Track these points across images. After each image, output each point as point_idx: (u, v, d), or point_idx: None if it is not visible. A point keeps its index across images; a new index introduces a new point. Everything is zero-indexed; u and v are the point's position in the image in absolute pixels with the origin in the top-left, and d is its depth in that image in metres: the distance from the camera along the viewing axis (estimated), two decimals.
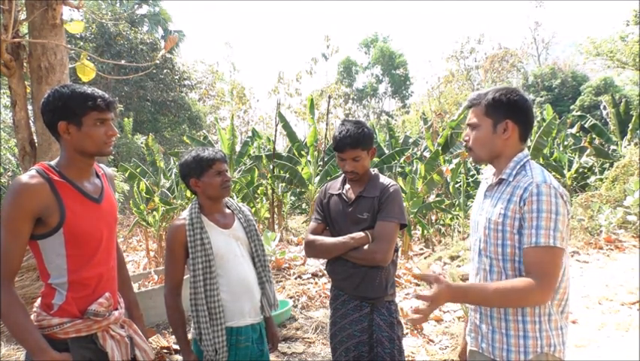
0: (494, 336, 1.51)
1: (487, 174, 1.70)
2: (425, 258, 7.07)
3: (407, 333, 3.85)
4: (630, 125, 11.27)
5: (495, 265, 1.51)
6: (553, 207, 1.39)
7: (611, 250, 6.37)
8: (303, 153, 9.08)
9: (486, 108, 1.55)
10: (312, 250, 2.17)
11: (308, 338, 3.77)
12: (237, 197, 8.46)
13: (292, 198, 11.74)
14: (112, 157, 15.29)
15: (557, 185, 1.44)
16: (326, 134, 10.79)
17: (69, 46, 3.68)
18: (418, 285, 5.30)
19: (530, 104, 1.56)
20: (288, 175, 8.84)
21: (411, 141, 12.05)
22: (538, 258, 1.38)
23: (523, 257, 1.42)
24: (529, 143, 8.77)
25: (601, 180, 9.85)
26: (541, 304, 1.43)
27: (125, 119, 17.74)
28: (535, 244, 1.38)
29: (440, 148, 8.60)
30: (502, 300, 1.40)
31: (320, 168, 9.16)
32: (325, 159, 9.57)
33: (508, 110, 1.52)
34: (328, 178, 8.28)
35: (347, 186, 2.20)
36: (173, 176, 9.47)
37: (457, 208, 8.97)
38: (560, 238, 1.38)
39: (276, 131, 10.13)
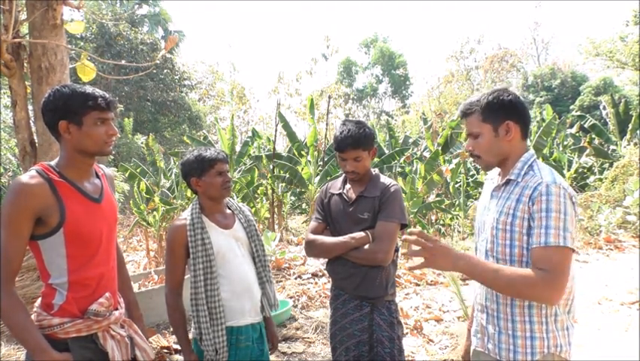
0: (501, 337, 1.50)
1: (493, 173, 1.68)
2: None
3: (407, 333, 3.85)
4: (630, 125, 11.28)
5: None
6: (562, 207, 1.37)
7: (611, 250, 6.38)
8: (303, 153, 9.08)
9: (482, 115, 1.53)
10: (313, 249, 2.17)
11: (308, 338, 3.77)
12: (237, 197, 8.46)
13: (292, 198, 11.74)
14: (112, 157, 15.29)
15: (567, 186, 1.43)
16: (326, 135, 10.79)
17: (69, 46, 3.69)
18: (418, 285, 5.31)
19: (522, 100, 1.56)
20: (288, 175, 8.84)
21: (411, 141, 12.06)
22: (547, 255, 1.36)
23: (531, 256, 1.39)
24: (528, 143, 8.78)
25: (600, 180, 9.86)
26: (547, 303, 1.40)
27: (125, 119, 17.73)
28: (545, 244, 1.36)
29: (440, 148, 8.63)
30: (507, 283, 1.37)
31: (320, 168, 9.16)
32: (325, 159, 9.57)
33: (505, 111, 1.51)
34: (328, 178, 8.29)
35: (348, 185, 2.20)
36: (173, 176, 9.46)
37: (457, 208, 8.97)
38: (570, 238, 1.36)
39: (276, 131, 10.12)
